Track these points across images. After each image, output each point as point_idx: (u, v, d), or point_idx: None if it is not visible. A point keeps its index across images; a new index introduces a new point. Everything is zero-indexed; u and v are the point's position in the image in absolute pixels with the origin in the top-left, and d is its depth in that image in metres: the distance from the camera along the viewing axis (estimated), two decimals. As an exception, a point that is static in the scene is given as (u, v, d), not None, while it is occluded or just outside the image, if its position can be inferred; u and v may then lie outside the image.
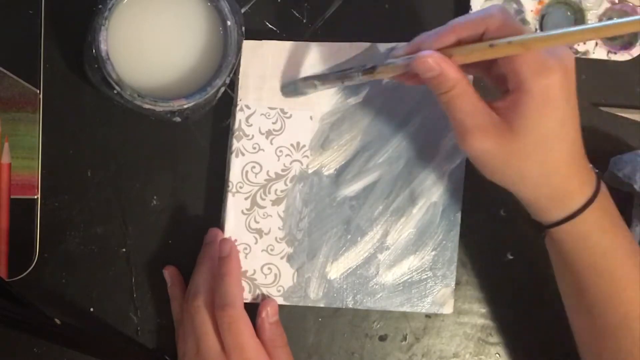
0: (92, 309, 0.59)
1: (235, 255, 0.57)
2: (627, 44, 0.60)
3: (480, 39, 0.47)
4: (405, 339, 0.61)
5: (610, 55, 0.60)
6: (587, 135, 0.60)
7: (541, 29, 0.60)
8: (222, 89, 0.56)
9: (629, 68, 0.60)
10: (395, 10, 0.60)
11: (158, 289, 0.60)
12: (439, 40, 0.48)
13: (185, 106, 0.54)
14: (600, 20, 0.60)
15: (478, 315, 0.61)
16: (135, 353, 0.59)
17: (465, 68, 0.48)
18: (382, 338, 0.61)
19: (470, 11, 0.59)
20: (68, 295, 0.59)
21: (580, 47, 0.59)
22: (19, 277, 0.58)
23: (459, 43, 0.48)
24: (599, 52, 0.60)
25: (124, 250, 0.60)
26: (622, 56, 0.60)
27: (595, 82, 0.61)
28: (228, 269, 0.56)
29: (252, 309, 0.57)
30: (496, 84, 0.50)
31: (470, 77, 0.54)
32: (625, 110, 0.61)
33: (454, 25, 0.47)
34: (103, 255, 0.59)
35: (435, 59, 0.47)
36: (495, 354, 0.61)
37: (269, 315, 0.57)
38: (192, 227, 0.60)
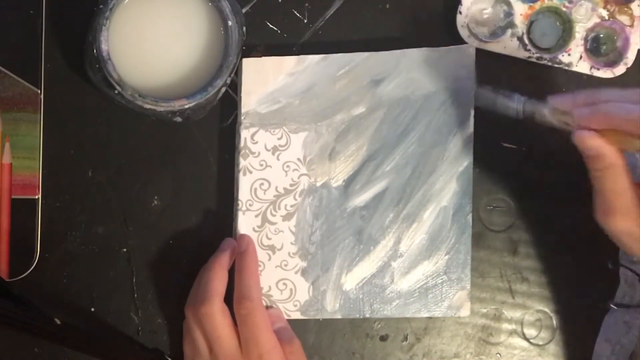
0: (93, 309, 0.59)
1: (252, 250, 0.58)
2: (612, 62, 0.59)
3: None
4: (406, 339, 0.61)
5: (592, 70, 0.59)
6: (588, 136, 0.60)
7: (528, 34, 0.59)
8: (223, 89, 0.56)
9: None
10: (395, 10, 0.60)
11: (159, 289, 0.60)
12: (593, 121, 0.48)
13: (187, 106, 0.54)
14: (587, 34, 0.59)
15: (479, 315, 0.61)
16: (136, 353, 0.59)
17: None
18: (383, 338, 0.61)
19: (460, 6, 0.59)
20: (69, 295, 0.59)
21: (565, 58, 0.59)
22: (20, 277, 0.58)
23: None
24: (582, 66, 0.59)
25: (124, 250, 0.60)
26: (605, 73, 0.59)
27: (596, 82, 0.60)
28: (245, 264, 0.56)
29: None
30: None
31: None
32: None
33: (611, 115, 0.48)
34: (104, 255, 0.59)
35: (595, 142, 0.48)
36: (496, 354, 0.61)
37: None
38: (193, 227, 0.60)
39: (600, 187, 0.49)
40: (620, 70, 0.59)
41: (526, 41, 0.59)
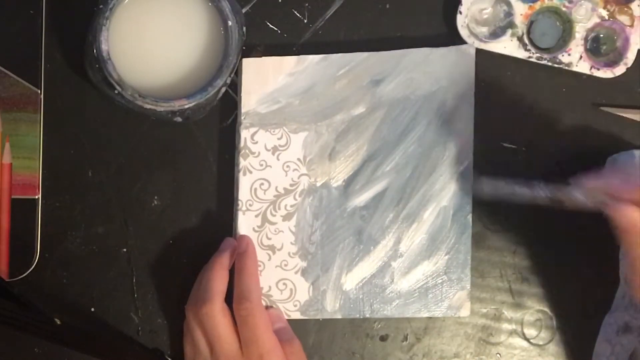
0: (93, 309, 0.59)
1: (251, 250, 0.58)
2: (612, 62, 0.59)
3: None
4: (406, 339, 0.61)
5: (592, 70, 0.59)
6: (587, 135, 0.61)
7: (528, 34, 0.60)
8: (223, 89, 0.56)
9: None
10: (395, 10, 0.61)
11: (159, 289, 0.60)
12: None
13: (187, 106, 0.54)
14: (587, 34, 0.59)
15: (479, 315, 0.61)
16: (136, 353, 0.59)
17: None
18: (383, 338, 0.61)
19: (460, 6, 0.59)
20: (69, 296, 0.59)
21: (565, 58, 0.59)
22: (20, 277, 0.58)
23: None
24: (582, 66, 0.59)
25: (124, 250, 0.60)
26: (605, 73, 0.59)
27: (596, 82, 0.61)
28: (245, 264, 0.56)
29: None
30: None
31: None
32: (625, 110, 0.61)
33: None
34: (104, 255, 0.59)
35: (634, 214, 0.48)
36: (496, 354, 0.61)
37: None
38: (193, 227, 0.60)
39: (631, 254, 0.50)
40: (620, 70, 0.59)
41: (526, 41, 0.59)
